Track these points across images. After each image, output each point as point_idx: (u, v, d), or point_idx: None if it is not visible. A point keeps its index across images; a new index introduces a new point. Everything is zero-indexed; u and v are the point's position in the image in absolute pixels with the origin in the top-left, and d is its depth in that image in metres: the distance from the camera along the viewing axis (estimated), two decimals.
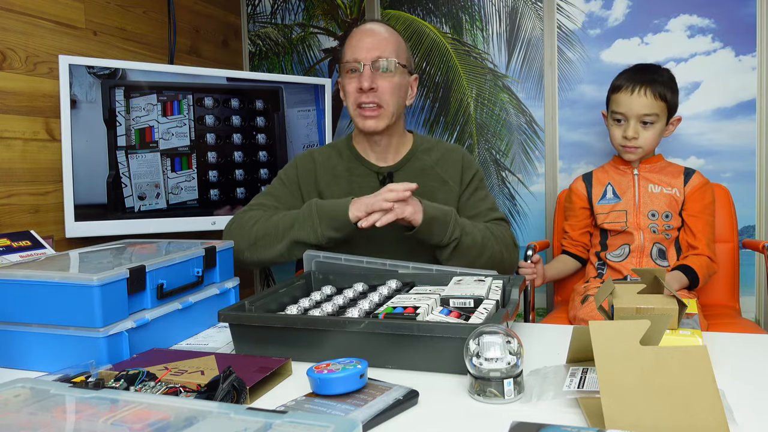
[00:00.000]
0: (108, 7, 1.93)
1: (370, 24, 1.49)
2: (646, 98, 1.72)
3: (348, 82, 1.44)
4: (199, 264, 1.21)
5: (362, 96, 1.41)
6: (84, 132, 1.69)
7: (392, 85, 1.43)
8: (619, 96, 1.76)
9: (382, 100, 1.42)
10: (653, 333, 0.76)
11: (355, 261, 1.31)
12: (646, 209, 1.76)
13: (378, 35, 1.44)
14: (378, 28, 1.46)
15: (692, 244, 1.75)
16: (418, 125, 2.44)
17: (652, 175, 1.80)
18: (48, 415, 0.66)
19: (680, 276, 1.67)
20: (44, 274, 1.00)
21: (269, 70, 2.62)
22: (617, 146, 1.81)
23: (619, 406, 0.69)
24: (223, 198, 1.98)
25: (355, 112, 1.44)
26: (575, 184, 1.91)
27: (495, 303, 1.07)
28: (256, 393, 0.86)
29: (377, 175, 1.50)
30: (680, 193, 1.78)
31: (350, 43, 1.46)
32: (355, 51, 1.43)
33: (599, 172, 1.89)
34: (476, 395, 0.81)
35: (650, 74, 1.76)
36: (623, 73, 1.80)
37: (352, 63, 1.42)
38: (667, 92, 1.74)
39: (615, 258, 1.77)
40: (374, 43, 1.42)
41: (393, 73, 1.43)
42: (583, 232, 1.89)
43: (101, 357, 0.97)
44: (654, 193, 1.78)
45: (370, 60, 1.41)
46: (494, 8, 2.33)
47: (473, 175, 1.54)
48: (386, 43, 1.43)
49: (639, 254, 1.74)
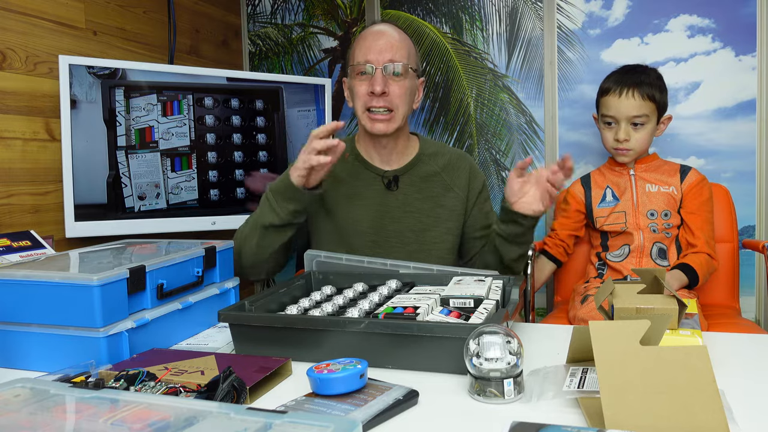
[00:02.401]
0: (108, 7, 1.93)
1: (382, 25, 1.46)
2: (634, 100, 1.72)
3: (358, 84, 1.41)
4: (199, 264, 1.21)
5: (373, 100, 1.39)
6: (84, 132, 1.69)
7: (403, 89, 1.40)
8: (608, 99, 1.76)
9: (393, 104, 1.40)
10: (653, 333, 0.76)
11: (356, 261, 1.31)
12: (644, 209, 1.76)
13: (390, 37, 1.41)
14: (390, 30, 1.44)
15: (691, 242, 1.74)
16: (418, 125, 2.44)
17: (649, 174, 1.81)
18: (48, 415, 0.66)
19: (680, 275, 1.66)
20: (44, 274, 1.00)
21: (269, 70, 2.62)
22: (610, 149, 1.81)
23: (619, 406, 0.69)
24: (223, 198, 1.98)
25: (364, 115, 1.42)
26: (573, 187, 1.91)
27: (495, 303, 1.07)
28: (256, 393, 0.86)
29: (382, 179, 1.48)
30: (677, 191, 1.78)
31: (362, 43, 1.43)
32: (368, 53, 1.40)
33: (596, 174, 1.89)
34: (476, 395, 0.81)
35: (637, 75, 1.75)
36: (611, 76, 1.80)
37: (364, 65, 1.39)
38: (656, 92, 1.74)
39: (615, 258, 1.78)
40: (387, 46, 1.40)
41: (404, 77, 1.40)
42: (570, 233, 1.90)
43: (101, 357, 0.97)
44: (652, 192, 1.78)
45: (383, 63, 1.38)
46: (494, 8, 2.33)
47: (482, 186, 1.54)
48: (399, 46, 1.41)
49: (639, 254, 1.74)
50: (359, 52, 1.42)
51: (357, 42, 1.45)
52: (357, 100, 1.42)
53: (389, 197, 1.46)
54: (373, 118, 1.40)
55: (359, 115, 1.43)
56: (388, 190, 1.46)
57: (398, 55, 1.40)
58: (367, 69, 1.39)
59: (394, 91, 1.39)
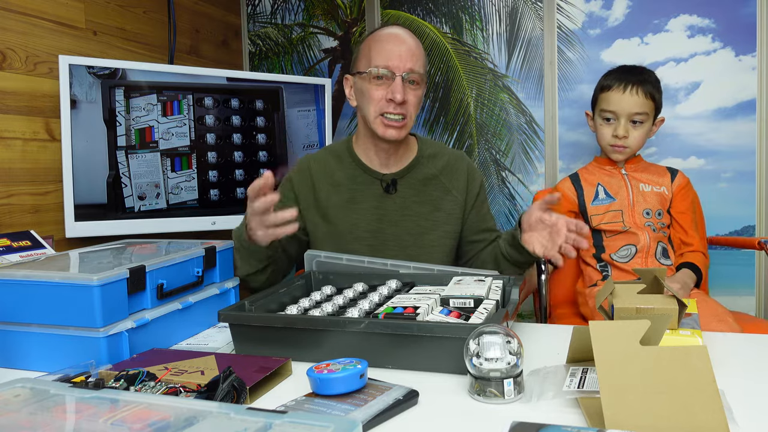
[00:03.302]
0: (108, 7, 1.93)
1: (397, 29, 1.43)
2: (638, 97, 1.73)
3: (374, 87, 1.38)
4: (199, 264, 1.21)
5: (390, 106, 1.37)
6: (84, 132, 1.69)
7: (418, 98, 1.41)
8: (610, 94, 1.76)
9: (408, 112, 1.39)
10: (653, 333, 0.76)
11: (356, 261, 1.31)
12: (640, 208, 1.76)
13: (409, 44, 1.39)
14: (408, 38, 1.41)
15: (685, 240, 1.76)
16: (418, 125, 2.44)
17: (639, 174, 1.81)
18: (48, 415, 0.66)
19: (691, 274, 1.68)
20: (44, 274, 1.00)
21: (269, 70, 2.62)
22: (606, 146, 1.80)
23: (619, 406, 0.69)
24: (223, 198, 1.98)
25: (377, 120, 1.39)
26: (563, 186, 1.86)
27: (495, 303, 1.07)
28: (256, 393, 0.86)
29: (380, 182, 1.47)
30: (668, 191, 1.80)
31: (380, 46, 1.39)
32: (389, 58, 1.37)
33: (585, 172, 1.86)
34: (476, 395, 0.81)
35: (639, 74, 1.76)
36: (611, 73, 1.80)
37: (383, 69, 1.36)
38: (656, 92, 1.76)
39: (622, 259, 1.75)
40: (408, 54, 1.37)
41: (420, 86, 1.40)
42: None
43: (101, 357, 0.97)
44: (645, 191, 1.78)
45: (403, 71, 1.36)
46: (494, 8, 2.33)
47: (479, 188, 1.53)
48: (418, 55, 1.40)
49: (645, 254, 1.74)
50: (378, 56, 1.38)
51: (373, 43, 1.41)
52: (370, 103, 1.39)
53: (387, 201, 1.46)
54: (387, 124, 1.38)
55: (371, 119, 1.40)
56: (386, 193, 1.46)
57: (418, 65, 1.39)
58: (387, 74, 1.37)
59: (410, 100, 1.38)
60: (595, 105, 1.84)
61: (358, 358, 0.84)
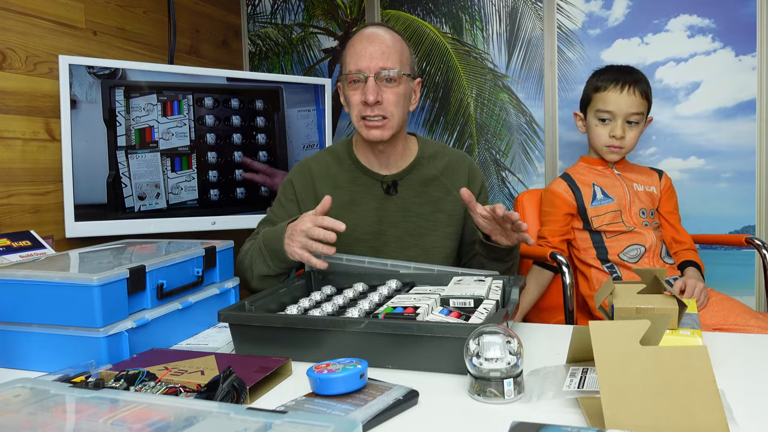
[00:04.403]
0: (108, 7, 1.93)
1: (372, 28, 1.42)
2: (635, 96, 1.73)
3: (352, 92, 1.39)
4: (199, 264, 1.21)
5: (367, 109, 1.37)
6: (84, 132, 1.69)
7: (397, 96, 1.38)
8: (607, 94, 1.74)
9: (387, 111, 1.37)
10: (653, 333, 0.76)
11: (356, 261, 1.31)
12: (636, 208, 1.76)
13: (381, 43, 1.38)
14: (381, 34, 1.40)
15: (678, 239, 1.78)
16: (418, 125, 2.44)
17: (629, 174, 1.81)
18: (48, 415, 0.66)
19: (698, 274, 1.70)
20: (44, 274, 1.00)
21: (269, 70, 2.62)
22: (601, 146, 1.77)
23: (619, 406, 0.69)
24: (223, 198, 1.98)
25: (360, 123, 1.40)
26: (558, 187, 1.81)
27: (495, 303, 1.07)
28: (256, 393, 0.86)
29: (381, 184, 1.46)
30: (657, 191, 1.81)
31: (352, 50, 1.39)
32: (359, 60, 1.36)
33: (576, 173, 1.83)
34: (476, 395, 0.81)
35: (633, 74, 1.76)
36: (604, 73, 1.78)
37: (356, 73, 1.36)
38: (649, 92, 1.77)
39: (631, 259, 1.73)
40: (378, 53, 1.36)
41: (398, 83, 1.38)
42: (563, 239, 1.80)
43: (101, 357, 0.97)
44: (639, 191, 1.79)
45: (374, 71, 1.35)
46: (494, 8, 2.33)
47: (480, 188, 1.53)
48: (390, 51, 1.38)
49: (652, 253, 1.73)
50: (351, 60, 1.38)
51: (348, 48, 1.41)
52: (351, 108, 1.40)
53: (388, 202, 1.46)
54: (368, 125, 1.38)
55: (355, 123, 1.41)
56: (387, 194, 1.46)
57: (390, 61, 1.36)
58: (359, 77, 1.36)
59: (388, 99, 1.37)
60: (587, 105, 1.81)
61: (358, 358, 0.84)
